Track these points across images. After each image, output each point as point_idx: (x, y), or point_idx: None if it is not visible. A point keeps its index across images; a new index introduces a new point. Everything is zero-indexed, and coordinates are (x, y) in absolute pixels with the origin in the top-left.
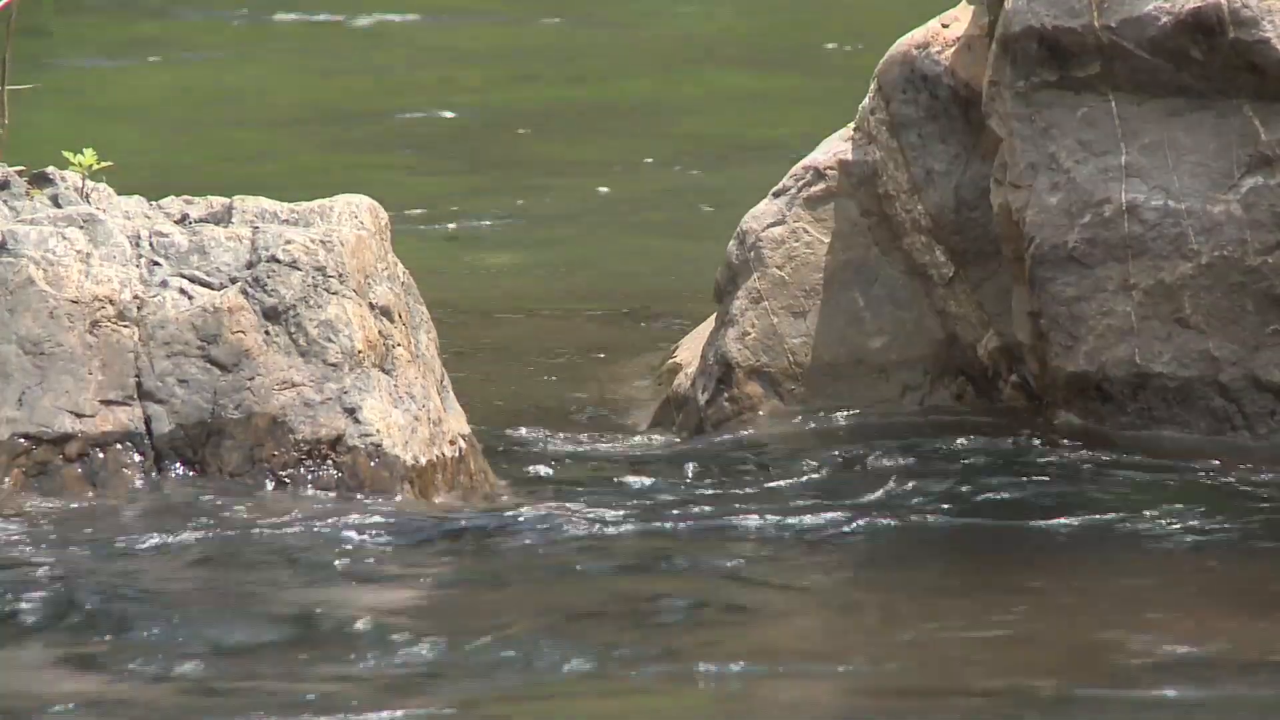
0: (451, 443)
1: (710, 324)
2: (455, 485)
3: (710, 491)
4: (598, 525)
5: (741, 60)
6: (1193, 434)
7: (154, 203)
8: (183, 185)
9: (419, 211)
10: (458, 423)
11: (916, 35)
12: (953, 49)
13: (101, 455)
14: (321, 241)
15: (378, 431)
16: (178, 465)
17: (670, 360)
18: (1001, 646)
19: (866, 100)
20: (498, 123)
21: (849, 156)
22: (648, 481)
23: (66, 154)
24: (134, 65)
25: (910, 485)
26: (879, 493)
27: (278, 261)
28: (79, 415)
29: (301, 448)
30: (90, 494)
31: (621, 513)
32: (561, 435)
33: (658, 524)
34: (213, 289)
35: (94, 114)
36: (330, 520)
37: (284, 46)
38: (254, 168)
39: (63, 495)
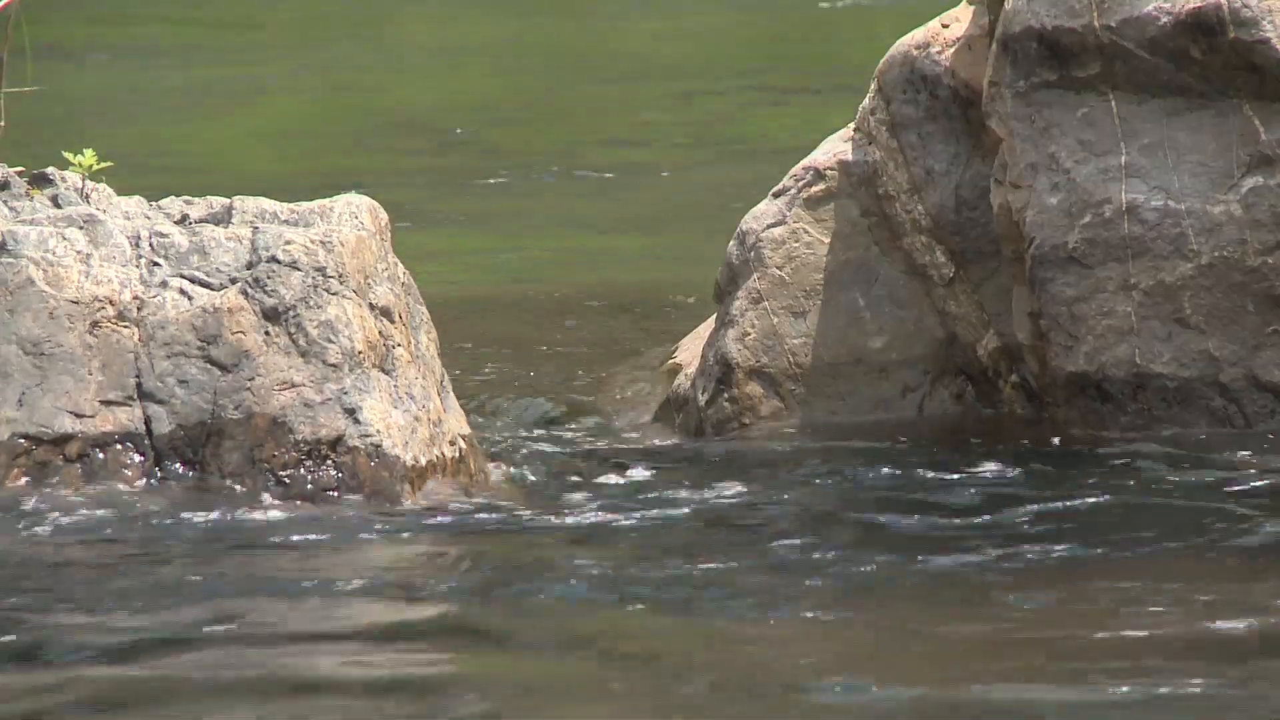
0: (451, 443)
1: (710, 324)
2: (455, 485)
3: (710, 492)
4: (597, 526)
5: (742, 60)
6: (1193, 434)
7: (154, 203)
8: None
9: (418, 209)
10: (458, 423)
11: (917, 35)
12: (953, 49)
13: (101, 455)
14: (321, 242)
15: (378, 432)
16: (178, 465)
17: (670, 360)
18: (1003, 646)
19: (866, 100)
20: (497, 121)
21: (849, 156)
22: (647, 482)
23: (66, 154)
24: None
25: (911, 486)
26: (879, 493)
27: (278, 262)
28: (79, 415)
29: (301, 448)
30: (90, 494)
31: (621, 513)
32: (562, 435)
33: (657, 524)
34: (213, 289)
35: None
36: (330, 521)
37: None
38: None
39: (62, 496)
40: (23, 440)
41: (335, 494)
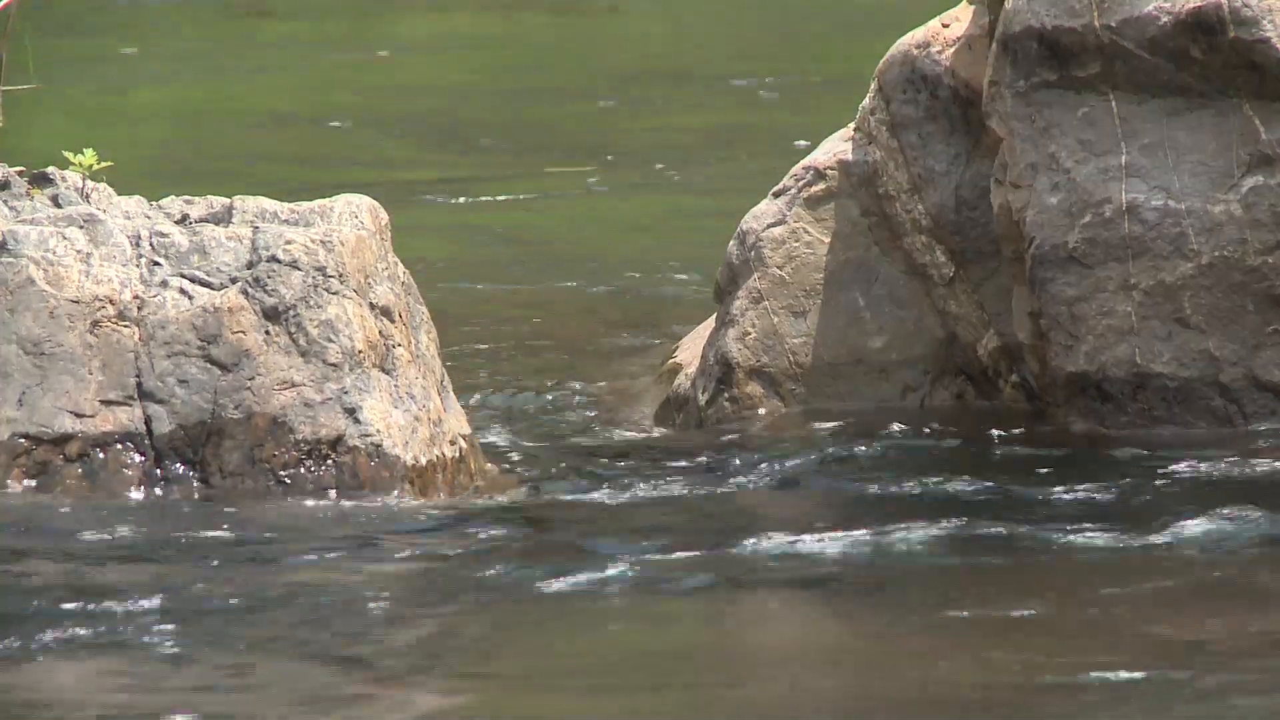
0: (451, 442)
1: (710, 324)
2: (455, 485)
3: (710, 492)
4: (597, 525)
5: (741, 58)
6: (1193, 434)
7: (154, 203)
8: None
9: (418, 208)
10: (458, 422)
11: (917, 35)
12: (953, 49)
13: (101, 455)
14: (322, 241)
15: (378, 431)
16: (178, 465)
17: (670, 360)
18: (1003, 646)
19: (866, 100)
20: (496, 119)
21: (849, 156)
22: (648, 481)
23: (67, 154)
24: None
25: (911, 486)
26: (880, 493)
27: (278, 261)
28: (79, 415)
29: (301, 448)
30: (90, 494)
31: (622, 512)
32: (561, 436)
33: (657, 525)
34: (213, 289)
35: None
36: (330, 520)
37: None
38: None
39: (63, 495)
40: (23, 440)
41: (335, 494)
